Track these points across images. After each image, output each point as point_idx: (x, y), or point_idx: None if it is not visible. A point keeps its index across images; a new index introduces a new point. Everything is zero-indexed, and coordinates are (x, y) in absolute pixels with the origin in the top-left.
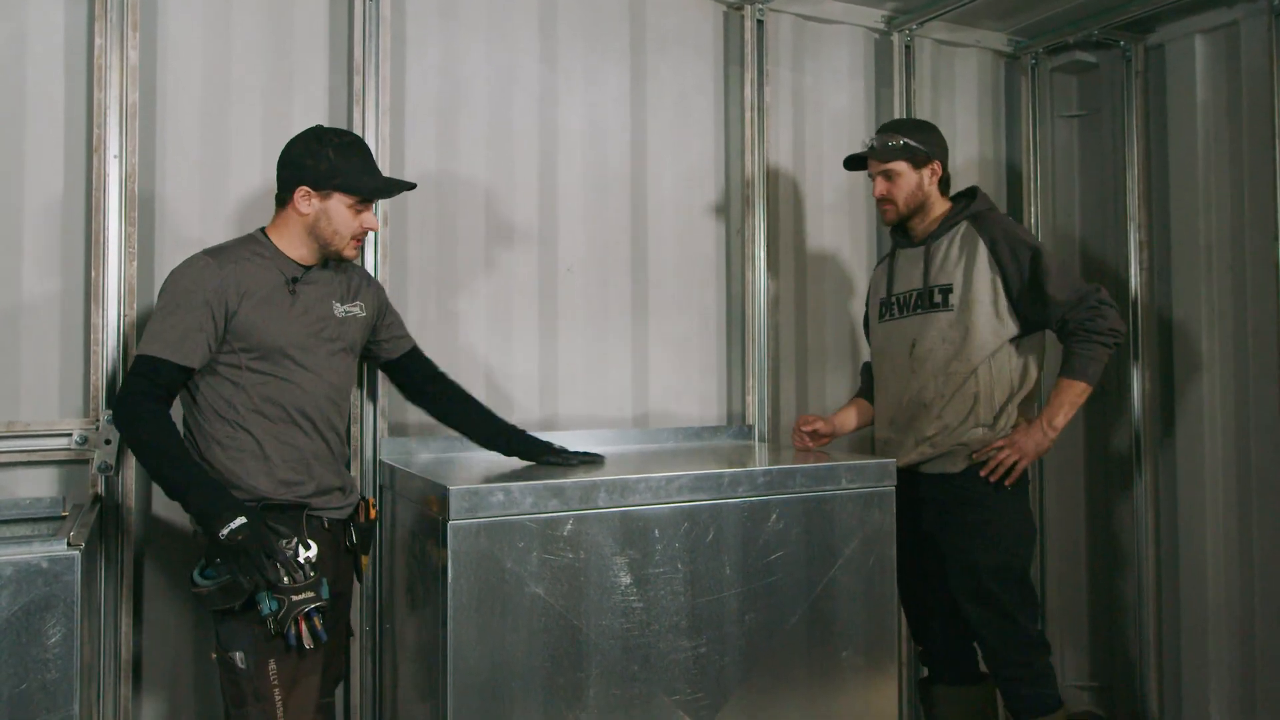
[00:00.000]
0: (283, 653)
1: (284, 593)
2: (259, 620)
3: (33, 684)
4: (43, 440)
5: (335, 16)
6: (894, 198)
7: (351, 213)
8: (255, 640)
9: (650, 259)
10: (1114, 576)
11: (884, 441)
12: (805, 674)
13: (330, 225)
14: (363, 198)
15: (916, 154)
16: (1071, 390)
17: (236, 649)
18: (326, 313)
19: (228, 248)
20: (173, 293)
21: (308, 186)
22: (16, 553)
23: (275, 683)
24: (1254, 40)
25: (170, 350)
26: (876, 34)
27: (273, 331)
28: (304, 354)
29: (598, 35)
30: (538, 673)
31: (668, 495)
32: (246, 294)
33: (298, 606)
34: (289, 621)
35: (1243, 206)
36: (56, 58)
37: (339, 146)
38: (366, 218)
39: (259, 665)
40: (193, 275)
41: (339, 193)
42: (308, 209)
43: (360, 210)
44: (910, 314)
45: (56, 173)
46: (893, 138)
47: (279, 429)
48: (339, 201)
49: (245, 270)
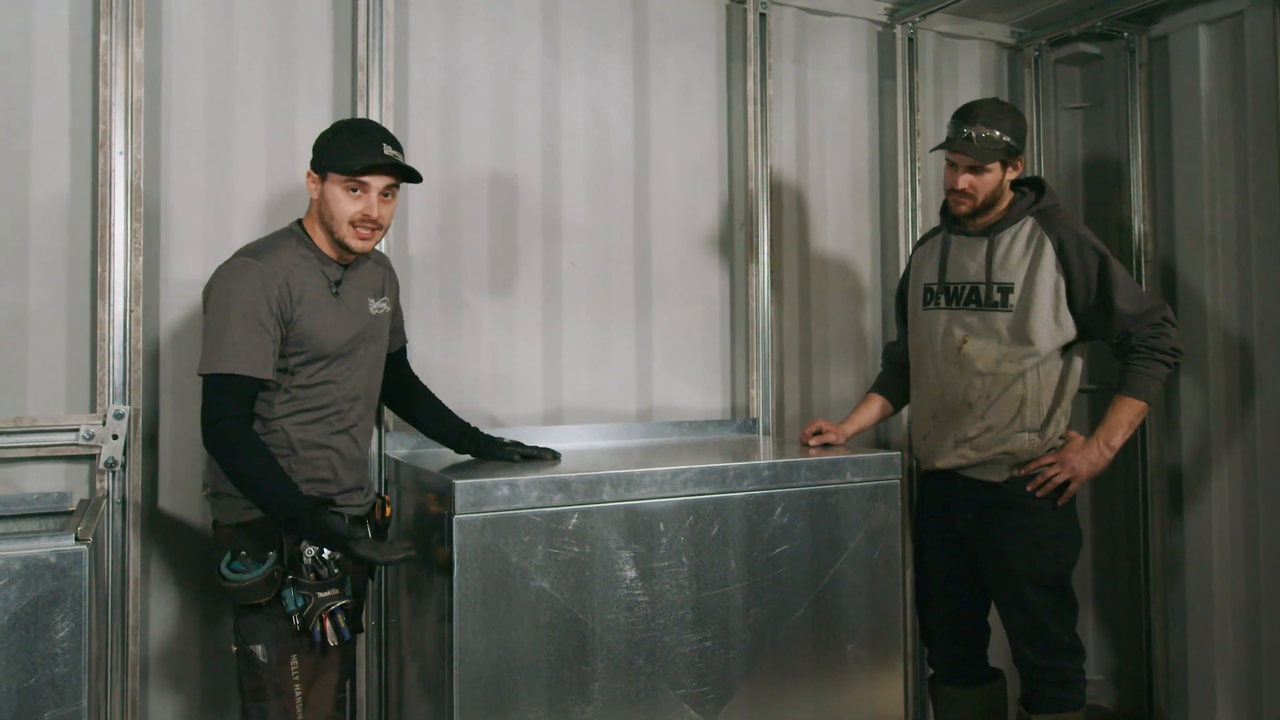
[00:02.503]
0: (305, 649)
1: (309, 589)
2: (283, 615)
3: (41, 678)
4: (50, 435)
5: (339, 11)
6: (976, 193)
7: (348, 196)
8: (278, 635)
9: (653, 252)
10: (1119, 571)
11: (922, 436)
12: (810, 668)
13: (329, 209)
14: (348, 173)
15: (1012, 152)
16: (1132, 409)
17: (258, 642)
18: (364, 310)
19: (275, 249)
20: (235, 303)
21: (312, 169)
22: (25, 547)
23: (296, 678)
24: (1258, 31)
25: (249, 365)
26: (879, 26)
27: (326, 337)
28: (348, 356)
29: (600, 27)
30: (543, 667)
31: (672, 489)
32: (300, 300)
33: (323, 604)
34: (314, 619)
35: (1247, 197)
36: (62, 54)
37: (341, 127)
38: (366, 202)
39: (281, 660)
40: (252, 283)
41: (332, 171)
42: (314, 194)
43: (358, 194)
44: (962, 307)
45: (62, 169)
46: (991, 133)
47: (314, 429)
48: (334, 183)
49: (296, 275)
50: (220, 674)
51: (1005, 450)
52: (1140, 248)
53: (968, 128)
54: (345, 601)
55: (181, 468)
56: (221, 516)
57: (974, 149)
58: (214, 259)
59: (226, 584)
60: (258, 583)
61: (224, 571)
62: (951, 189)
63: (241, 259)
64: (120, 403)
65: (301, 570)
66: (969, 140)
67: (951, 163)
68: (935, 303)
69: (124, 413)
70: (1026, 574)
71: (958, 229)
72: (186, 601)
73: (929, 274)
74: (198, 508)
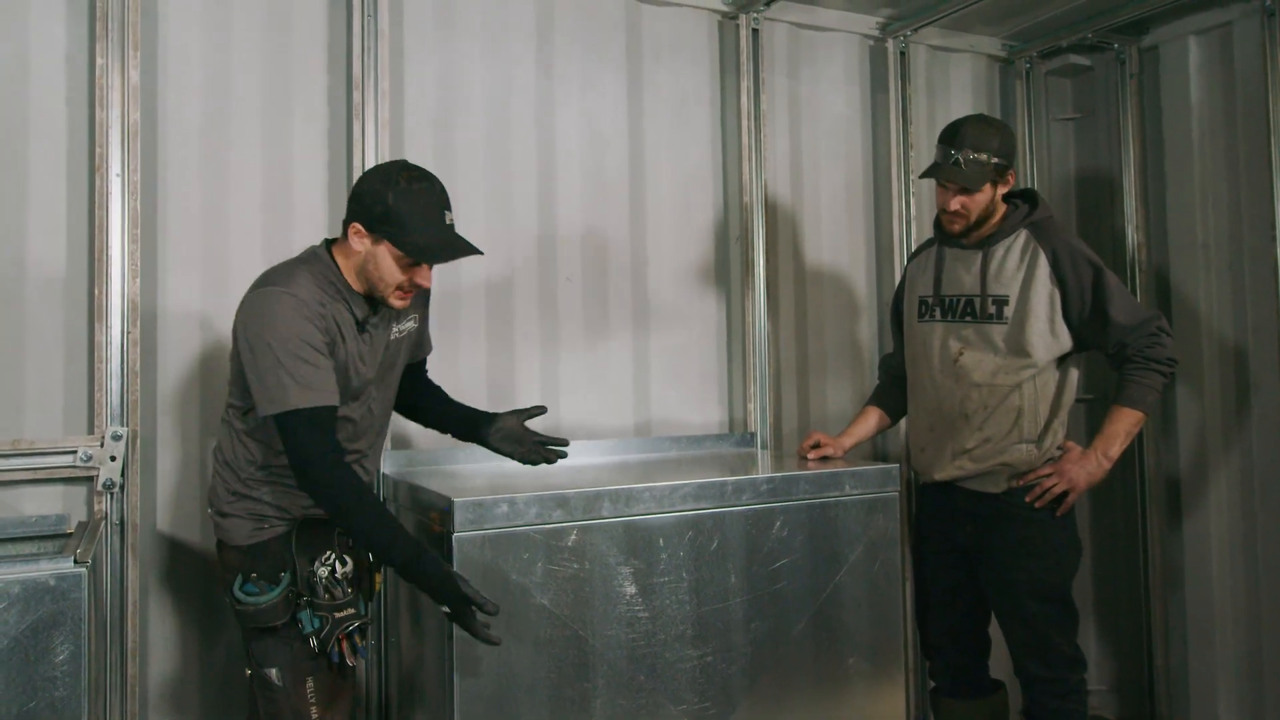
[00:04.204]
0: (321, 670)
1: (326, 610)
2: (298, 637)
3: (41, 702)
4: (48, 457)
5: (334, 31)
6: (968, 213)
7: (399, 267)
8: (293, 657)
9: (650, 267)
10: (1119, 580)
11: (920, 448)
12: (812, 681)
13: (377, 271)
14: (413, 258)
15: (1001, 170)
16: (1129, 419)
17: (272, 665)
18: (387, 339)
19: (304, 281)
20: (282, 334)
21: (360, 224)
22: (24, 570)
23: (313, 700)
24: (1248, 41)
25: (322, 394)
26: (871, 41)
27: (357, 373)
28: (371, 387)
29: (594, 44)
30: (544, 684)
31: (671, 504)
32: (339, 339)
33: (341, 624)
34: (332, 640)
35: (1239, 206)
36: (58, 77)
37: (403, 191)
38: (419, 274)
39: (296, 682)
40: (295, 313)
41: (392, 244)
42: (359, 247)
43: (412, 265)
44: (958, 320)
45: (59, 191)
46: (979, 155)
47: None
48: (387, 250)
49: (332, 312)
50: (219, 696)
51: (1003, 461)
52: (1134, 257)
53: (955, 152)
54: (362, 621)
55: (179, 489)
56: (229, 538)
57: (963, 174)
58: (211, 280)
59: (241, 607)
60: (274, 605)
61: (237, 595)
62: (944, 210)
63: (274, 290)
64: (118, 424)
65: (317, 591)
66: (957, 166)
67: (943, 185)
68: (930, 315)
69: (122, 434)
70: (1026, 585)
71: (952, 241)
72: (185, 623)
73: (924, 287)
74: (196, 529)
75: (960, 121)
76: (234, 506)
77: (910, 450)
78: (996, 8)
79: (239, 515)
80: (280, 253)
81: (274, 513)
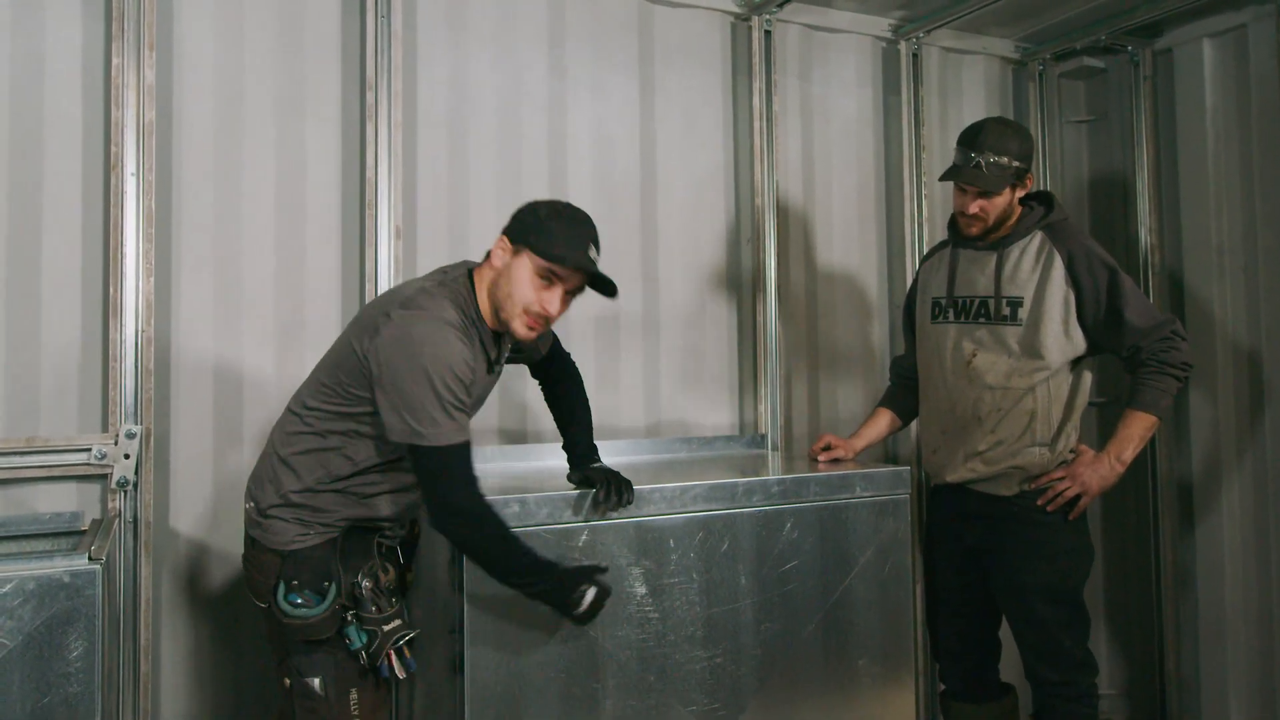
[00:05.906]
0: (366, 682)
1: (374, 623)
2: (342, 648)
3: (55, 697)
4: (62, 455)
5: (347, 32)
6: (987, 216)
7: (534, 279)
8: (339, 668)
9: (661, 269)
10: (1130, 584)
11: (932, 450)
12: (821, 683)
13: (508, 284)
14: (548, 260)
15: (1020, 174)
16: (1143, 423)
17: (314, 675)
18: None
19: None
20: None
21: (508, 236)
22: (39, 567)
23: (355, 712)
24: (1262, 43)
25: (466, 431)
26: (884, 42)
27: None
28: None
29: (606, 46)
30: (554, 684)
31: (682, 505)
32: (473, 382)
33: (390, 638)
34: (381, 654)
35: (1254, 208)
36: (74, 77)
37: (555, 211)
38: (547, 297)
39: (340, 694)
40: (456, 357)
41: (528, 250)
42: (500, 261)
43: (547, 284)
44: (971, 321)
45: (75, 190)
46: (1000, 159)
47: (402, 478)
48: (526, 261)
49: (472, 351)
50: (231, 692)
51: (1015, 464)
52: (1147, 260)
53: (976, 155)
54: (411, 633)
55: (193, 487)
56: (266, 539)
57: (984, 177)
58: (224, 279)
59: (289, 620)
60: (324, 619)
61: (283, 606)
62: (962, 213)
63: (438, 323)
64: (132, 422)
65: (363, 604)
66: (978, 169)
67: (961, 188)
68: (944, 316)
69: (136, 432)
70: (1037, 589)
71: (965, 243)
72: (198, 620)
73: (937, 288)
74: (209, 526)
75: (980, 124)
76: (281, 510)
77: (922, 452)
78: (1010, 10)
79: (284, 519)
80: (293, 252)
81: (324, 522)
